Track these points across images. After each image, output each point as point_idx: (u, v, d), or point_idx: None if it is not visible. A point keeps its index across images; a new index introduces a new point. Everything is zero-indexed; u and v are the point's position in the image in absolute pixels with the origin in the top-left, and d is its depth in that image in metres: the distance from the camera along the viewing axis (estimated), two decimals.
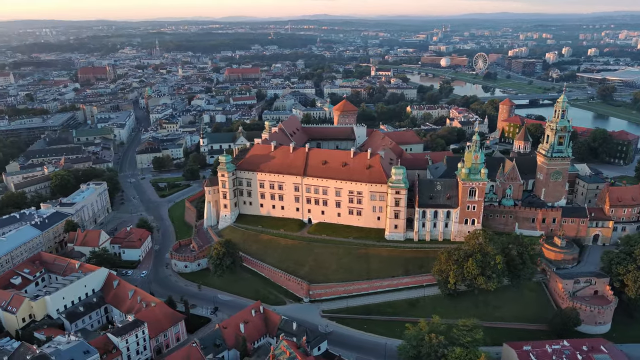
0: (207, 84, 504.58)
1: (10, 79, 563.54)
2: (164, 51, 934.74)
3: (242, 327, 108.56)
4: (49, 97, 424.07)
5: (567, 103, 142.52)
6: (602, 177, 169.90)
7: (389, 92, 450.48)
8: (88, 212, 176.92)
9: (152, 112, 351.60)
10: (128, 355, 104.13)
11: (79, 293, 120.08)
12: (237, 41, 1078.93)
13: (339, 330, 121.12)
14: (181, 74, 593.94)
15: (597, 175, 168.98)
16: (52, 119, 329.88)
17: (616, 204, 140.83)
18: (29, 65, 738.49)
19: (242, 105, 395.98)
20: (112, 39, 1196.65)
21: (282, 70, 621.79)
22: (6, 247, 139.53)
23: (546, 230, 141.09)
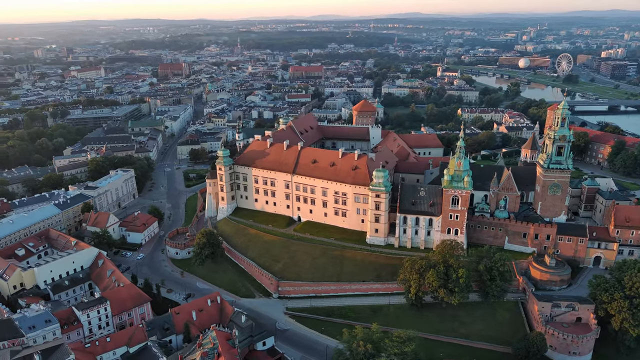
0: (270, 81, 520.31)
1: (101, 72, 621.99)
2: (245, 49, 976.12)
3: (194, 314, 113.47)
4: (125, 90, 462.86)
5: (568, 110, 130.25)
6: (628, 194, 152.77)
7: (447, 93, 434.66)
8: (112, 196, 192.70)
9: (206, 106, 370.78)
10: (90, 328, 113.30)
11: (67, 268, 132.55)
12: (315, 39, 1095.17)
13: (296, 329, 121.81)
14: (250, 70, 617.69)
15: (622, 191, 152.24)
16: (118, 110, 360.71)
17: (623, 224, 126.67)
18: (123, 60, 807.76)
19: (295, 102, 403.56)
20: (202, 37, 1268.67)
21: (348, 69, 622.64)
22: (26, 222, 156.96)
23: (539, 248, 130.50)
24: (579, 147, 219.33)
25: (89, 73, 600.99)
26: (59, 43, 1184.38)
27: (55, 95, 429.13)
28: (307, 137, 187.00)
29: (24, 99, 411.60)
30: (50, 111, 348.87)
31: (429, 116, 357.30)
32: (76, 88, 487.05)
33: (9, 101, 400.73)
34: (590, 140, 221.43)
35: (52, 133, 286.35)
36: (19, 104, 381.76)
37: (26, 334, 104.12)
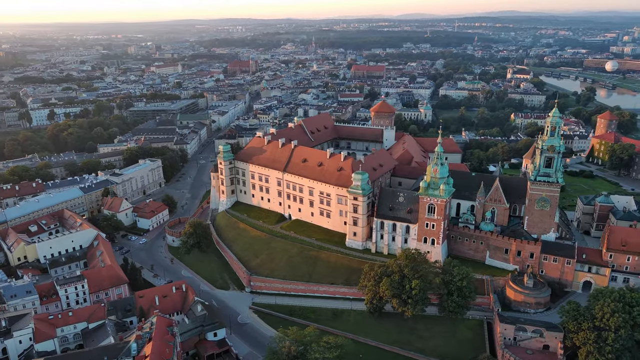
0: (329, 80, 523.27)
1: (178, 68, 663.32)
2: (319, 47, 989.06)
3: (157, 299, 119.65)
4: (191, 85, 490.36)
5: (560, 118, 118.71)
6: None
7: (508, 97, 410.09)
8: (137, 184, 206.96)
9: (255, 102, 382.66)
10: (67, 302, 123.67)
11: (66, 246, 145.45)
12: (391, 39, 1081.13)
13: (255, 325, 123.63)
14: (314, 69, 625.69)
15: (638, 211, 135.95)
16: (177, 104, 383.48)
17: (617, 248, 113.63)
18: (203, 57, 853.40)
19: (347, 102, 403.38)
20: (281, 36, 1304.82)
21: (413, 70, 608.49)
22: (50, 201, 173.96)
23: (521, 265, 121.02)
24: (621, 159, 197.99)
25: (166, 69, 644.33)
26: (155, 40, 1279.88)
27: (128, 89, 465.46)
28: (318, 136, 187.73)
29: (101, 91, 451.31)
30: (117, 103, 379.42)
31: (479, 120, 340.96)
32: (151, 82, 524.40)
33: (87, 92, 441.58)
34: (636, 153, 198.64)
35: (109, 123, 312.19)
36: (93, 95, 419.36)
37: (7, 302, 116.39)
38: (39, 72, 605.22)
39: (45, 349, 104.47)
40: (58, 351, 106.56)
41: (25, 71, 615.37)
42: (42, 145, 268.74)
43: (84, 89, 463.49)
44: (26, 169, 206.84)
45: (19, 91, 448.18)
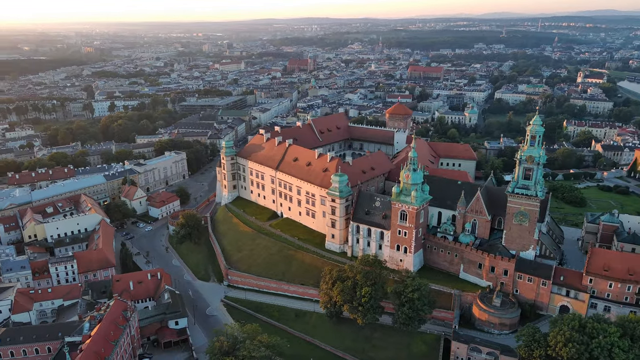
0: (383, 80, 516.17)
1: (241, 66, 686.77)
2: (385, 47, 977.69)
3: (131, 284, 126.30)
4: (247, 82, 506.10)
5: (542, 127, 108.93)
6: None
7: (569, 103, 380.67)
8: (159, 174, 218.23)
9: (299, 101, 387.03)
10: (58, 280, 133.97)
11: (71, 228, 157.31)
12: (462, 39, 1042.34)
13: (222, 317, 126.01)
14: (372, 68, 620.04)
15: None
16: (225, 100, 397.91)
17: (599, 272, 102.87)
18: (270, 55, 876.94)
19: (394, 103, 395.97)
20: (350, 35, 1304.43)
21: (476, 71, 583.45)
22: (75, 186, 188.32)
23: (494, 282, 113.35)
24: None
25: (230, 66, 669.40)
26: (232, 39, 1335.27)
27: (187, 84, 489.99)
28: (328, 136, 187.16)
29: (163, 86, 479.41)
30: (171, 97, 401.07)
31: None
32: (211, 79, 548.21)
33: (150, 87, 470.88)
34: None
35: (157, 116, 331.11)
36: (154, 90, 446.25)
37: (3, 275, 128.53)
38: (116, 67, 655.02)
39: (21, 320, 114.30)
40: (34, 323, 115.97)
41: (105, 66, 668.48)
42: (92, 134, 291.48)
43: (149, 84, 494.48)
44: (65, 156, 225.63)
45: (92, 84, 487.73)
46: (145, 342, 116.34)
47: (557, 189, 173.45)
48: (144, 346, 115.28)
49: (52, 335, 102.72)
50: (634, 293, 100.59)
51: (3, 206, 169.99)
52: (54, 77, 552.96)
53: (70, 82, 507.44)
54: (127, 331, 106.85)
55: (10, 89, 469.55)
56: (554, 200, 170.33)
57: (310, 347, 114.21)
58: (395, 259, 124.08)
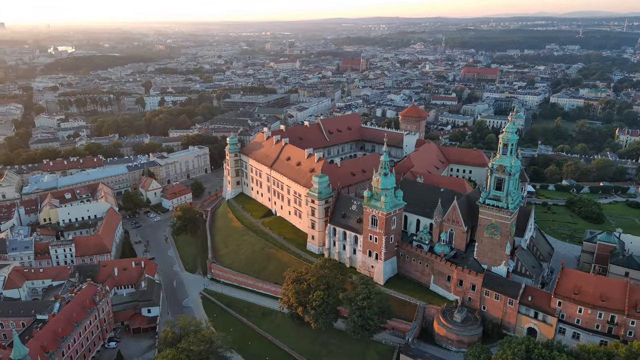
0: (432, 81, 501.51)
1: (296, 64, 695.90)
2: (448, 47, 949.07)
3: (116, 270, 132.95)
4: (295, 80, 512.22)
5: (516, 134, 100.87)
6: None
7: (632, 110, 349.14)
8: (181, 167, 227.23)
9: (339, 100, 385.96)
10: (57, 261, 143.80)
11: (82, 214, 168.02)
12: (532, 39, 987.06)
13: (195, 309, 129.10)
14: (427, 69, 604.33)
15: None
16: (268, 97, 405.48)
17: (568, 295, 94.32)
18: (328, 55, 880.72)
19: (437, 105, 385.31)
20: (417, 35, 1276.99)
21: (538, 74, 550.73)
22: (98, 175, 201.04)
23: (462, 297, 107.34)
24: None
25: (285, 64, 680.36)
26: (297, 38, 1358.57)
27: (237, 82, 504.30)
28: (336, 137, 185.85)
29: (215, 83, 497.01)
30: (217, 94, 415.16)
31: (577, 134, 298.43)
32: (264, 76, 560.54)
33: (202, 84, 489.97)
34: None
35: (198, 111, 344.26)
36: (205, 87, 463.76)
37: (8, 253, 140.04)
38: (179, 64, 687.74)
39: (11, 295, 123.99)
40: (23, 299, 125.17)
41: (168, 63, 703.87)
42: (134, 127, 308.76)
43: (202, 80, 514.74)
44: (99, 146, 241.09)
45: (151, 80, 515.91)
46: (119, 326, 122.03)
47: (574, 202, 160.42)
48: (116, 330, 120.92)
49: (26, 312, 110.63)
50: (606, 321, 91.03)
51: (30, 190, 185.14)
52: (121, 73, 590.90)
53: (132, 78, 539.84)
54: (95, 314, 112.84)
55: (79, 82, 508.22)
56: (568, 214, 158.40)
57: (271, 347, 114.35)
58: (367, 264, 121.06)
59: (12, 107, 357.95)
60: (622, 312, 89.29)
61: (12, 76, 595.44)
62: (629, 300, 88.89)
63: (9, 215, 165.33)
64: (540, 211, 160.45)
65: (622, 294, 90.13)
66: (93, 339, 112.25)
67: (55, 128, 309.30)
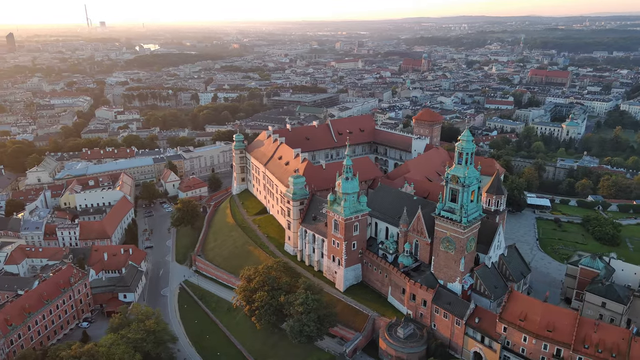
0: (495, 84, 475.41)
1: (359, 64, 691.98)
2: (526, 48, 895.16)
3: (105, 255, 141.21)
4: (350, 81, 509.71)
5: (473, 142, 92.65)
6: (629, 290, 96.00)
7: None
8: (205, 162, 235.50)
9: (383, 101, 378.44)
10: (63, 243, 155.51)
11: (97, 200, 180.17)
12: (624, 40, 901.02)
13: (170, 299, 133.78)
14: (493, 71, 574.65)
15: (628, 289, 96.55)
16: (317, 97, 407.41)
17: (513, 321, 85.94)
18: (396, 55, 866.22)
19: (490, 109, 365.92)
20: (497, 35, 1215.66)
21: (617, 78, 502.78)
22: (125, 165, 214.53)
23: (414, 312, 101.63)
24: None
25: (347, 64, 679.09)
26: (372, 38, 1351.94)
27: (295, 80, 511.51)
28: (344, 138, 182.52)
29: (271, 81, 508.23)
30: (266, 92, 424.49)
31: (639, 145, 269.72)
32: (322, 76, 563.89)
33: (258, 81, 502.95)
34: None
35: (242, 108, 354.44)
36: (260, 84, 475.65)
37: (21, 231, 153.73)
38: (245, 62, 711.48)
39: (11, 270, 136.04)
40: (22, 275, 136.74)
41: (235, 61, 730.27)
42: (179, 121, 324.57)
43: (259, 78, 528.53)
44: (137, 138, 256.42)
45: (213, 77, 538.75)
46: (97, 308, 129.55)
47: (590, 220, 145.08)
48: (94, 312, 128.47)
49: (10, 287, 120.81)
50: (552, 354, 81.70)
51: (61, 176, 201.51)
52: (190, 70, 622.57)
53: (197, 75, 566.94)
54: (70, 294, 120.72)
55: (148, 78, 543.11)
56: (581, 234, 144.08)
57: (226, 343, 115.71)
58: (332, 270, 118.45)
59: (81, 100, 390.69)
60: (568, 346, 79.75)
61: (96, 71, 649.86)
62: (577, 334, 79.20)
63: (35, 197, 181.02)
64: (549, 228, 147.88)
65: (571, 326, 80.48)
66: (67, 318, 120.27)
67: (111, 120, 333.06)
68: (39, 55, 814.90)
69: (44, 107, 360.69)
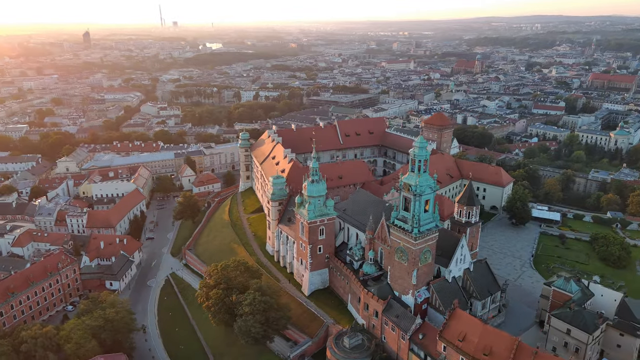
0: (552, 88, 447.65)
1: (410, 65, 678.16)
2: (598, 50, 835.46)
3: (102, 244, 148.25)
4: (395, 82, 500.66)
5: (426, 149, 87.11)
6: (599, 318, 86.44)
7: None
8: (225, 158, 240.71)
9: (421, 104, 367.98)
10: (72, 229, 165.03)
11: (111, 191, 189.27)
12: None
13: (153, 291, 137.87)
14: (553, 74, 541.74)
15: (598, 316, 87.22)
16: (354, 97, 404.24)
17: (452, 341, 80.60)
18: (453, 56, 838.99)
19: (538, 114, 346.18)
20: (566, 35, 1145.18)
21: None
22: (146, 158, 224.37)
23: (367, 322, 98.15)
24: None
25: (397, 65, 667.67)
26: (435, 38, 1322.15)
27: (340, 80, 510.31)
28: (354, 140, 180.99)
29: (315, 80, 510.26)
30: (306, 91, 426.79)
31: None
32: (369, 76, 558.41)
33: (301, 81, 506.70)
34: None
35: (278, 107, 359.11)
36: (301, 84, 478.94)
37: (35, 216, 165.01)
38: (297, 61, 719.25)
39: (17, 252, 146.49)
40: (26, 257, 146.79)
41: (287, 60, 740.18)
42: (214, 118, 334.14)
43: (305, 78, 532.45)
44: (166, 133, 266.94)
45: (260, 76, 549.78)
46: (86, 293, 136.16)
47: (597, 239, 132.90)
48: (82, 296, 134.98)
49: (6, 268, 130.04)
50: None
51: (87, 166, 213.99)
52: (241, 68, 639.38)
53: (246, 73, 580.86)
54: (57, 278, 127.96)
55: (200, 76, 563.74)
56: (585, 252, 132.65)
57: (193, 337, 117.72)
58: (300, 272, 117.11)
59: (131, 95, 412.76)
60: None
61: (156, 68, 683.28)
62: None
63: (58, 185, 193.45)
64: (551, 244, 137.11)
65: (508, 351, 74.09)
66: (53, 300, 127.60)
67: (154, 115, 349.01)
68: (110, 52, 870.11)
69: (95, 101, 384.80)
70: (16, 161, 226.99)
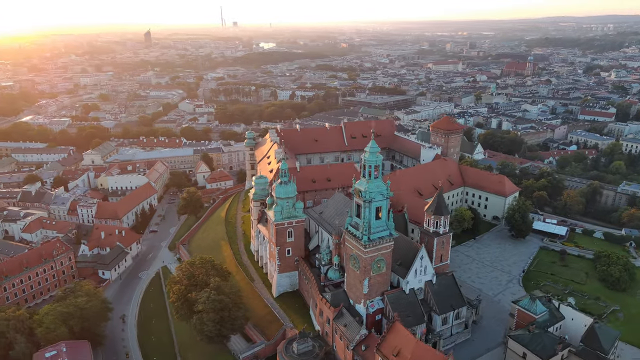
0: (606, 92, 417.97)
1: (459, 66, 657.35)
2: None
3: (102, 234, 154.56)
4: (437, 83, 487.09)
5: (377, 155, 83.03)
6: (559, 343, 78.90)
7: None
8: (241, 157, 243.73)
9: (458, 107, 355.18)
10: (83, 219, 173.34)
11: (125, 184, 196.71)
12: None
13: (143, 283, 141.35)
14: (612, 77, 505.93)
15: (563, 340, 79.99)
16: (390, 98, 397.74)
17: (387, 355, 77.08)
18: (508, 57, 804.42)
19: (584, 120, 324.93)
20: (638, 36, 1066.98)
21: None
22: (166, 154, 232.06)
23: (322, 329, 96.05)
24: None
25: (445, 66, 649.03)
26: (496, 38, 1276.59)
27: (381, 81, 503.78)
28: (359, 142, 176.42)
29: (355, 81, 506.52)
30: (342, 91, 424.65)
31: None
32: (412, 77, 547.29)
33: (344, 81, 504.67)
34: None
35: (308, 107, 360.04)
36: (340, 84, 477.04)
37: (50, 205, 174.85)
38: (343, 62, 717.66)
39: (26, 238, 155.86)
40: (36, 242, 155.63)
41: (333, 60, 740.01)
42: (245, 116, 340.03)
43: (346, 78, 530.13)
44: (192, 130, 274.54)
45: (301, 76, 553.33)
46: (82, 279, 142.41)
47: (600, 257, 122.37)
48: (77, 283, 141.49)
49: (8, 252, 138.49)
50: None
51: (111, 159, 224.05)
52: (286, 67, 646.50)
53: (289, 73, 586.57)
54: (52, 265, 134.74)
55: (244, 75, 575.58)
56: (584, 272, 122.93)
57: (166, 330, 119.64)
58: (271, 272, 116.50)
59: (173, 93, 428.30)
60: None
61: (206, 67, 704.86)
62: None
63: (80, 177, 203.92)
64: (548, 260, 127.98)
65: None
66: (47, 285, 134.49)
67: (189, 112, 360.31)
68: (167, 51, 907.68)
69: (140, 97, 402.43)
70: (51, 152, 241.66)
